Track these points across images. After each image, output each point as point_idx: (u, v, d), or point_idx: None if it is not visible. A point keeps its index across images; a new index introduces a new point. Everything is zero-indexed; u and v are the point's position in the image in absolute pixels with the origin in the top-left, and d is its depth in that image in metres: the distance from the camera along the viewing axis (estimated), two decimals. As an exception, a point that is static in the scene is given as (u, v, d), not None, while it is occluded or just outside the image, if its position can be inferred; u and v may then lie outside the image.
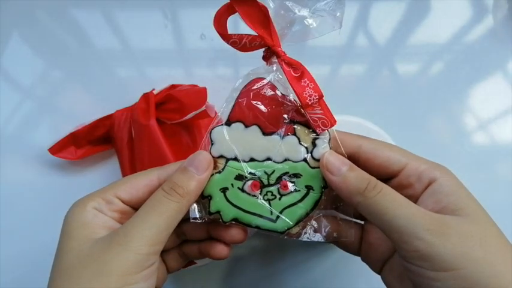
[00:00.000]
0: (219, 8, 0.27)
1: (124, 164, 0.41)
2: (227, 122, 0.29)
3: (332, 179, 0.27)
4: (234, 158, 0.29)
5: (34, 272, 0.35)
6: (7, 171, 0.45)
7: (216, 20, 0.28)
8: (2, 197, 0.45)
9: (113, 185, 0.28)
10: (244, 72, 0.30)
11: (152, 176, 0.28)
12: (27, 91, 0.48)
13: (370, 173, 0.27)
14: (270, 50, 0.29)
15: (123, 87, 0.48)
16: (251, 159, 0.29)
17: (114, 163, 0.45)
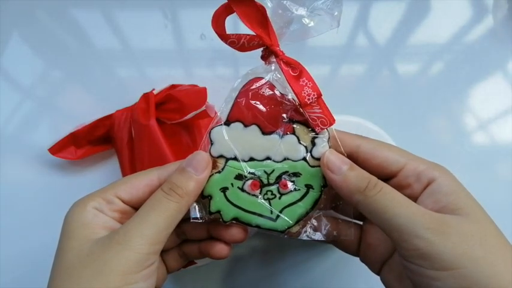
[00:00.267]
0: (217, 8, 0.27)
1: (124, 164, 0.41)
2: (226, 122, 0.29)
3: (333, 178, 0.27)
4: (234, 158, 0.29)
5: (34, 272, 0.35)
6: (7, 171, 0.45)
7: (214, 20, 0.28)
8: (2, 197, 0.45)
9: (113, 185, 0.28)
10: (244, 72, 0.30)
11: (152, 176, 0.28)
12: (27, 91, 0.48)
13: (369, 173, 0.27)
14: (268, 50, 0.29)
15: (123, 87, 0.48)
16: (251, 158, 0.29)
17: (114, 163, 0.45)
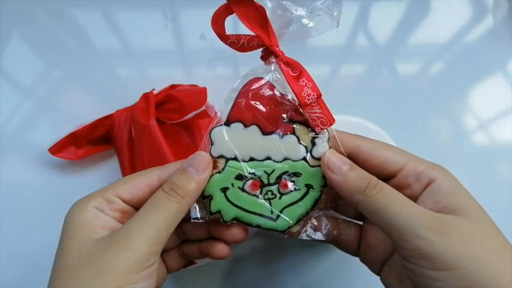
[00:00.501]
0: (217, 9, 0.27)
1: (124, 164, 0.41)
2: (226, 122, 0.29)
3: (333, 178, 0.27)
4: (234, 158, 0.29)
5: (34, 272, 0.35)
6: (7, 171, 0.45)
7: (214, 21, 0.28)
8: (2, 197, 0.45)
9: (114, 185, 0.28)
10: (243, 72, 0.30)
11: (153, 176, 0.28)
12: (27, 91, 0.48)
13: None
14: (268, 50, 0.29)
15: (123, 87, 0.48)
16: (251, 158, 0.29)
17: (114, 163, 0.45)
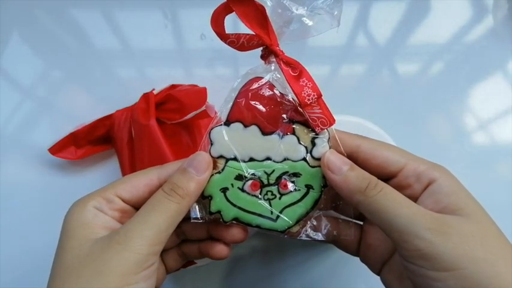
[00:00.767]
0: (216, 8, 0.27)
1: (124, 164, 0.41)
2: (226, 122, 0.29)
3: (333, 178, 0.27)
4: (234, 158, 0.29)
5: (34, 272, 0.35)
6: (7, 171, 0.45)
7: (213, 20, 0.27)
8: (2, 197, 0.45)
9: (113, 184, 0.28)
10: (243, 72, 0.30)
11: (152, 176, 0.28)
12: (27, 91, 0.48)
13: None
14: (268, 49, 0.28)
15: (123, 87, 0.48)
16: (251, 159, 0.29)
17: (114, 163, 0.45)
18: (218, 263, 0.43)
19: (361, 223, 0.32)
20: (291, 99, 0.29)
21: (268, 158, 0.29)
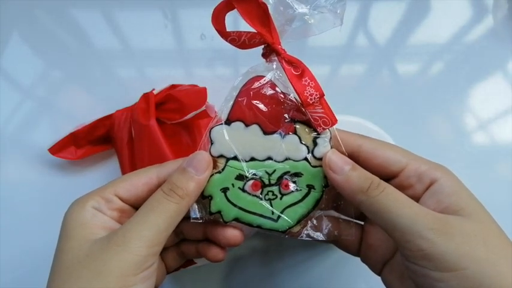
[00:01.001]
0: (217, 5, 0.27)
1: (124, 164, 0.41)
2: (227, 121, 0.29)
3: (335, 178, 0.27)
4: (234, 158, 0.28)
5: (34, 272, 0.35)
6: (7, 171, 0.45)
7: (214, 17, 0.27)
8: (2, 197, 0.45)
9: (112, 184, 0.28)
10: (244, 71, 0.30)
11: (151, 174, 0.28)
12: (27, 91, 0.48)
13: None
14: (270, 48, 0.28)
15: (123, 87, 0.48)
16: (251, 158, 0.29)
17: (114, 163, 0.45)
18: (218, 263, 0.43)
19: (362, 223, 0.32)
20: (293, 98, 0.28)
21: (269, 158, 0.29)
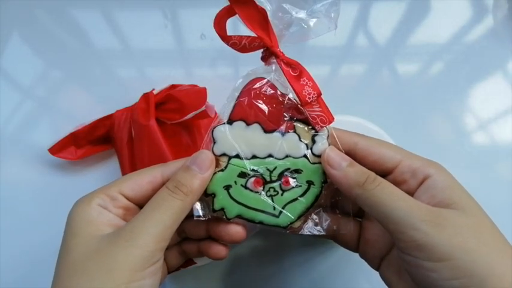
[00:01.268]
0: (219, 11, 0.28)
1: (124, 164, 0.41)
2: (229, 121, 0.30)
3: (333, 173, 0.28)
4: (236, 156, 0.29)
5: (34, 272, 0.36)
6: (7, 171, 0.45)
7: (216, 22, 0.28)
8: (2, 197, 0.44)
9: (117, 182, 0.28)
10: (244, 72, 0.30)
11: (156, 173, 0.29)
12: (27, 91, 0.48)
13: None
14: (269, 51, 0.29)
15: (123, 87, 0.48)
16: (253, 156, 0.30)
17: (114, 163, 0.45)
18: (218, 263, 0.43)
19: (360, 219, 0.33)
20: (292, 98, 0.30)
21: (270, 155, 0.30)
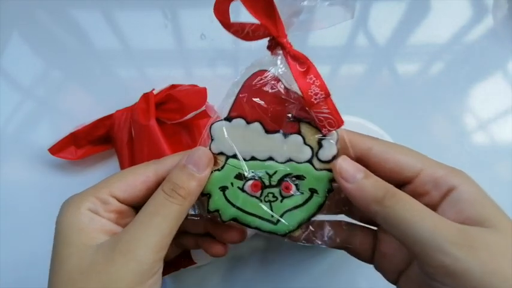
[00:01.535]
0: None
1: (124, 164, 0.41)
2: (227, 118, 0.27)
3: (346, 187, 0.25)
4: (234, 156, 0.27)
5: (34, 273, 0.35)
6: (7, 171, 0.45)
7: (216, 7, 0.25)
8: (2, 197, 0.45)
9: (107, 183, 0.26)
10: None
11: (149, 172, 0.27)
12: (27, 91, 0.48)
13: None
14: (275, 41, 0.26)
15: (123, 87, 0.48)
16: (252, 157, 0.27)
17: (114, 163, 0.45)
18: (218, 263, 0.43)
19: (375, 228, 0.30)
20: (298, 95, 0.26)
21: (270, 158, 0.27)
